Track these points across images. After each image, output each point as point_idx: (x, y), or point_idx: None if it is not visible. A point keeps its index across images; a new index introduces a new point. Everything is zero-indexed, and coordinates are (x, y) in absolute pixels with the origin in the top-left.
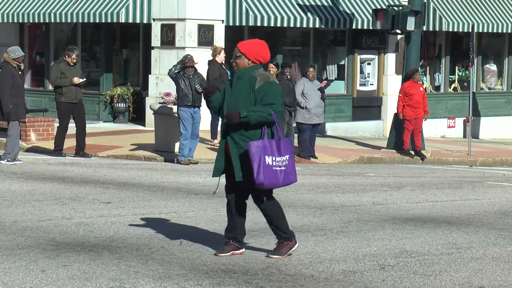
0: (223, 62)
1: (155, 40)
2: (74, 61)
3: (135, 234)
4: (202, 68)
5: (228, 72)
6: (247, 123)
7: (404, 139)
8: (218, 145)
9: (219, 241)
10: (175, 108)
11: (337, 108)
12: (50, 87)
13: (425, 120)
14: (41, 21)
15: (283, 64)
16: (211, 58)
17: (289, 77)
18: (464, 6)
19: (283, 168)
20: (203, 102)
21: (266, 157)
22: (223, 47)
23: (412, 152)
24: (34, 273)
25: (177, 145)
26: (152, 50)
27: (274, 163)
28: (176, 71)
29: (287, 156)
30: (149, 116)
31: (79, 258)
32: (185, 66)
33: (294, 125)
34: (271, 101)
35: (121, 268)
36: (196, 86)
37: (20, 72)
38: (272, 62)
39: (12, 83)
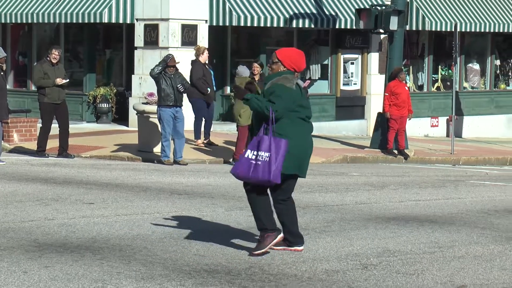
0: (207, 62)
1: (138, 40)
2: (57, 58)
3: (118, 235)
4: (186, 68)
5: (212, 72)
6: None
7: (389, 138)
8: (201, 145)
9: (202, 241)
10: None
11: (320, 108)
12: (33, 88)
13: (409, 119)
14: (24, 21)
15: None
16: (194, 58)
17: None
18: (447, 6)
19: (259, 162)
20: (185, 101)
21: (248, 150)
22: (207, 47)
23: (396, 152)
24: (16, 274)
25: (160, 145)
26: (135, 50)
27: (252, 156)
28: (158, 71)
29: (268, 153)
30: (133, 116)
31: (62, 259)
32: (167, 65)
33: None
34: (273, 100)
35: (104, 268)
36: (178, 86)
37: (2, 73)
38: (257, 61)
39: None
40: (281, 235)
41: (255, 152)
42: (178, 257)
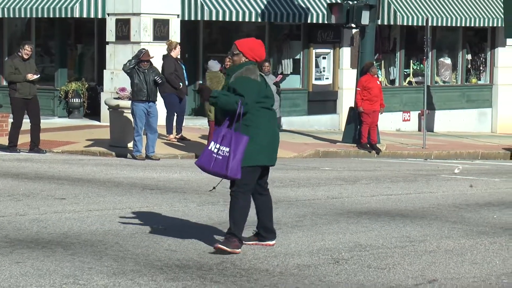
0: (178, 56)
1: (110, 35)
2: (28, 54)
3: (89, 230)
4: (158, 63)
5: (183, 66)
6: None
7: (362, 132)
8: (174, 140)
9: (173, 236)
10: (129, 103)
11: (292, 102)
12: (4, 83)
13: (381, 113)
14: None
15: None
16: (166, 52)
17: None
18: (419, 0)
19: (219, 157)
20: (159, 97)
21: (212, 142)
22: (179, 41)
23: (368, 146)
24: None
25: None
26: (106, 45)
27: (214, 150)
28: (131, 66)
29: (228, 149)
30: (104, 111)
31: (33, 254)
32: (140, 60)
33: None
34: (240, 92)
35: (75, 264)
36: (156, 78)
37: None
38: (229, 55)
39: None
40: (240, 250)
41: (217, 146)
42: (150, 252)
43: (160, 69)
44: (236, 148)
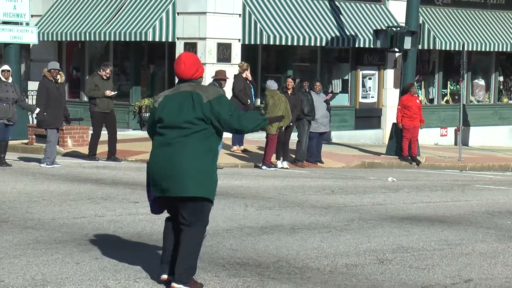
0: (249, 76)
1: None
2: (108, 75)
3: (160, 231)
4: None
5: (252, 86)
6: None
7: (403, 146)
8: (237, 151)
9: (234, 237)
10: None
11: (341, 118)
12: (85, 99)
13: (421, 128)
14: (77, 39)
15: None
16: (237, 72)
17: (307, 89)
18: (456, 27)
19: None
20: None
21: None
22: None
23: (409, 158)
24: (70, 265)
25: None
26: None
27: None
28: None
29: None
30: None
31: (110, 251)
32: (217, 79)
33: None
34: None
35: (147, 261)
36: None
37: (57, 85)
38: (289, 76)
39: (47, 95)
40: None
41: None
42: (213, 251)
43: (230, 88)
44: None
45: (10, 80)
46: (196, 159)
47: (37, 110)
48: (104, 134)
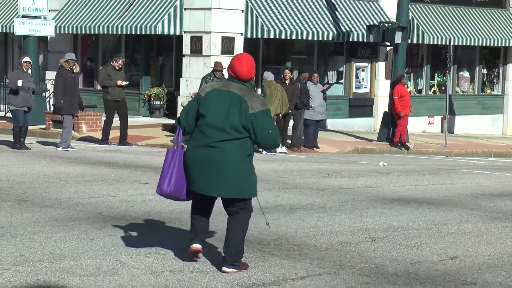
0: None
1: (186, 49)
2: (120, 66)
3: (168, 210)
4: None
5: (253, 78)
6: None
7: (396, 133)
8: None
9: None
10: None
11: (336, 107)
12: (99, 87)
13: (410, 114)
14: (92, 32)
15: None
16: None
17: (305, 80)
18: (443, 23)
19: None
20: None
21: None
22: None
23: (399, 144)
24: (85, 241)
25: None
26: (183, 58)
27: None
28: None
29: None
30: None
31: (122, 229)
32: (215, 69)
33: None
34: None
35: (157, 237)
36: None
37: (73, 74)
38: (287, 68)
39: (64, 84)
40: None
41: None
42: (218, 229)
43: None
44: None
45: (30, 71)
46: (239, 162)
47: (49, 87)
48: (116, 121)
